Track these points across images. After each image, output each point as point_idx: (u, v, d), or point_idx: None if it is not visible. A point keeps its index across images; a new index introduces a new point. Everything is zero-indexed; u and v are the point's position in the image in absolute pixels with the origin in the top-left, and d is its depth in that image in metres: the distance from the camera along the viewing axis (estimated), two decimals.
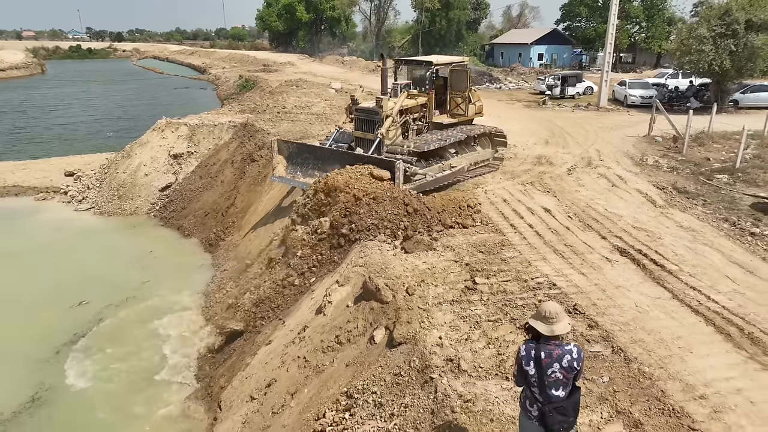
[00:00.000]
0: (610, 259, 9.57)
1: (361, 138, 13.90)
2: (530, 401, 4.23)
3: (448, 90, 14.87)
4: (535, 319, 4.15)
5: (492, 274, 8.72)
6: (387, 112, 13.18)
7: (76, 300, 12.93)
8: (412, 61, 15.83)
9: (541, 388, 4.10)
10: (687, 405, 5.77)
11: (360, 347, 7.57)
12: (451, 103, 14.96)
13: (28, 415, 9.56)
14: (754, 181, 14.44)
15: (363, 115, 13.87)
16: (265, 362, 9.17)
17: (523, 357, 4.17)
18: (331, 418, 6.61)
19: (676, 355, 6.71)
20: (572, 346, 4.13)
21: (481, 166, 15.20)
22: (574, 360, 4.07)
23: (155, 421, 9.44)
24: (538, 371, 4.08)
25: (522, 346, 4.23)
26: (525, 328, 4.29)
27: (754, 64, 25.23)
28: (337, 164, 12.72)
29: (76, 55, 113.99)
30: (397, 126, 13.66)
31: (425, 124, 14.60)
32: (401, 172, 11.63)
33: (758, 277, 8.99)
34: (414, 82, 14.94)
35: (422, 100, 14.37)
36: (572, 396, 4.15)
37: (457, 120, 14.93)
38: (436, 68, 14.59)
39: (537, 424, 4.19)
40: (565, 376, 4.07)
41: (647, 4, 55.05)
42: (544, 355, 4.06)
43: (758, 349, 6.86)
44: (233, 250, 15.31)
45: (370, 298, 8.12)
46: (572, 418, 4.18)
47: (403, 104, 13.68)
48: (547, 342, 4.09)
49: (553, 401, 4.08)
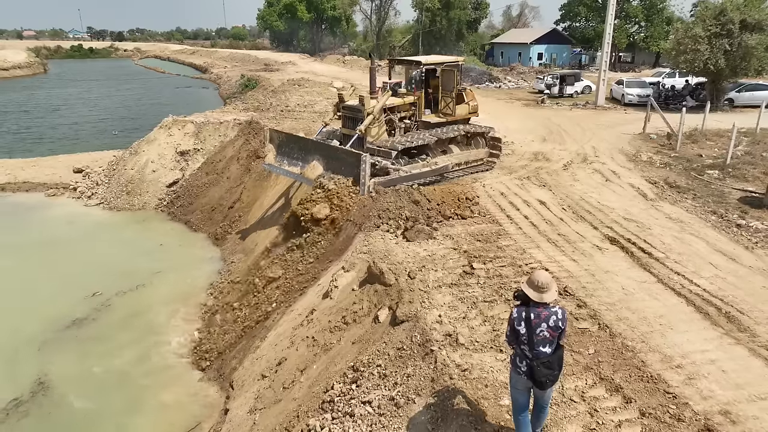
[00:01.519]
0: (601, 247, 10.13)
1: (346, 135, 14.34)
2: (520, 358, 4.76)
3: (440, 89, 15.22)
4: (527, 286, 4.69)
5: (489, 260, 9.28)
6: (368, 109, 13.59)
7: (91, 288, 13.47)
8: (404, 60, 16.29)
9: (530, 346, 4.64)
10: (664, 373, 6.32)
11: (365, 326, 8.12)
12: (441, 103, 15.32)
13: (42, 396, 10.02)
14: (744, 177, 14.98)
15: (348, 113, 14.40)
16: (275, 344, 9.73)
17: (515, 318, 4.71)
18: (338, 390, 7.15)
19: (657, 331, 7.27)
20: (558, 308, 4.68)
21: (473, 165, 15.40)
22: (560, 320, 4.63)
23: (170, 401, 9.98)
24: (528, 330, 4.62)
25: (514, 309, 4.77)
26: (515, 296, 4.83)
27: (748, 63, 25.77)
28: (316, 155, 13.29)
29: (77, 54, 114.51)
30: (380, 124, 14.02)
31: (414, 123, 14.92)
32: (368, 165, 11.99)
33: (739, 264, 9.54)
34: (409, 82, 15.39)
35: (410, 99, 14.72)
36: (557, 352, 4.70)
37: (446, 119, 15.21)
38: (426, 68, 14.94)
39: (525, 378, 4.74)
40: (551, 334, 4.62)
41: (646, 4, 55.57)
42: (533, 316, 4.61)
43: (734, 326, 7.42)
44: (240, 243, 15.85)
45: (375, 281, 8.67)
46: (557, 371, 4.71)
47: (388, 103, 14.04)
48: (536, 306, 4.64)
49: (541, 357, 4.63)
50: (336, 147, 13.42)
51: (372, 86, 14.73)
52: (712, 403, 5.85)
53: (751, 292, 8.43)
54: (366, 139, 13.65)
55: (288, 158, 14.54)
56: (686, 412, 5.65)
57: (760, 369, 6.49)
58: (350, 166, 12.44)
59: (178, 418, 9.52)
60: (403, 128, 14.66)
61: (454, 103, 15.04)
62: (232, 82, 52.17)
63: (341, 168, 12.76)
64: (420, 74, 14.92)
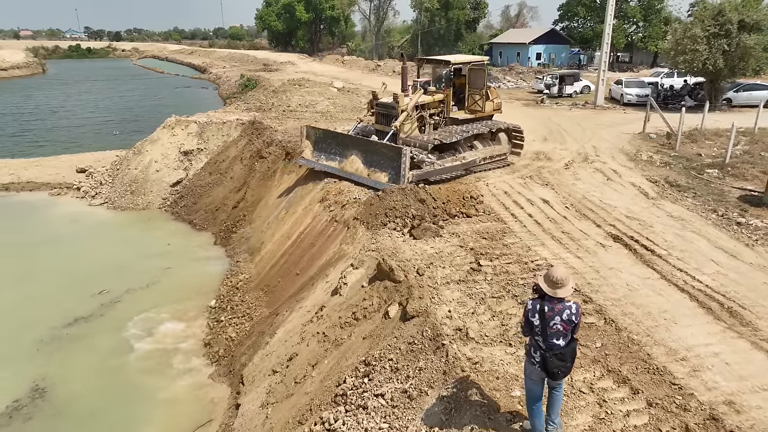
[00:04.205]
0: (604, 244, 10.31)
1: (380, 131, 14.99)
2: (534, 348, 4.92)
3: (467, 87, 15.78)
4: (543, 281, 4.83)
5: (495, 257, 9.46)
6: (402, 106, 14.22)
7: (99, 286, 13.63)
8: (433, 60, 16.85)
9: (544, 337, 4.80)
10: (669, 365, 6.51)
11: (375, 322, 8.29)
12: (469, 100, 15.91)
13: (50, 394, 10.15)
14: (743, 175, 15.17)
15: (382, 110, 15.06)
16: (284, 340, 9.89)
17: (529, 310, 4.87)
18: (351, 383, 7.31)
19: (662, 325, 7.45)
20: (572, 303, 4.82)
21: (497, 159, 16.00)
22: (573, 314, 4.78)
23: (180, 397, 10.13)
24: (542, 322, 4.77)
25: (529, 301, 4.92)
26: (534, 289, 4.98)
27: (746, 63, 25.97)
28: (355, 150, 13.93)
29: (75, 54, 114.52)
30: (412, 120, 14.62)
31: (442, 119, 15.56)
32: (407, 158, 12.58)
33: (740, 261, 9.73)
34: (436, 80, 15.96)
35: (439, 96, 15.35)
36: (570, 345, 4.85)
37: (474, 116, 15.86)
38: (454, 67, 15.54)
39: (539, 368, 4.90)
40: (564, 327, 4.76)
41: (644, 4, 55.82)
42: (547, 309, 4.76)
43: (736, 321, 7.61)
44: (245, 242, 16.01)
45: (384, 278, 8.83)
46: (569, 363, 4.86)
47: (420, 100, 14.67)
48: (551, 299, 4.78)
49: (554, 349, 4.78)
50: (376, 141, 14.09)
51: (403, 84, 15.36)
52: (717, 394, 6.03)
53: (752, 288, 8.62)
54: (399, 134, 14.27)
55: (325, 153, 15.16)
56: (692, 402, 5.83)
57: (763, 361, 6.68)
58: (389, 159, 13.10)
59: (189, 413, 9.68)
60: (433, 124, 15.29)
61: (483, 100, 15.68)
62: (232, 82, 52.26)
63: (380, 161, 13.41)
64: (449, 73, 15.47)
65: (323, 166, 14.88)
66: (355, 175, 13.77)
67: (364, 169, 13.75)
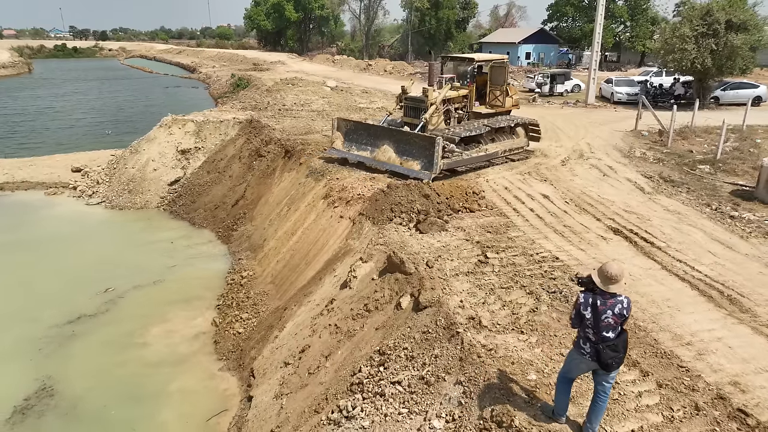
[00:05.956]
0: (605, 237, 10.62)
1: (408, 123, 15.61)
2: (584, 340, 5.01)
3: (488, 83, 16.47)
4: (596, 275, 4.91)
5: (501, 250, 9.71)
6: (432, 100, 14.86)
7: (105, 283, 13.71)
8: (456, 57, 17.54)
9: (595, 330, 4.88)
10: (676, 349, 6.80)
11: (387, 313, 8.50)
12: (490, 95, 16.58)
13: (63, 388, 10.26)
14: (734, 171, 15.59)
15: (411, 103, 15.69)
16: (294, 333, 10.07)
17: (581, 303, 4.94)
18: (366, 372, 7.51)
19: (666, 312, 7.75)
20: (623, 298, 4.88)
21: (515, 152, 16.78)
22: (624, 309, 4.86)
23: (190, 391, 10.26)
24: (593, 316, 4.85)
25: (581, 295, 5.00)
26: (578, 282, 5.07)
27: (733, 62, 26.53)
28: (387, 140, 14.62)
29: (61, 54, 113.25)
30: (439, 113, 15.28)
31: (465, 113, 16.25)
32: (439, 147, 13.28)
33: (736, 252, 10.08)
34: (458, 76, 16.57)
35: (464, 92, 16.06)
36: (621, 336, 4.94)
37: (494, 111, 16.56)
38: (478, 64, 16.14)
39: (589, 359, 4.99)
40: (615, 321, 4.84)
41: (631, 4, 56.59)
42: (599, 303, 4.83)
43: (735, 308, 7.93)
44: (247, 240, 16.13)
45: (395, 270, 9.05)
46: (622, 354, 4.96)
47: (447, 95, 15.31)
48: (603, 293, 4.86)
49: (606, 341, 4.88)
50: (409, 132, 14.72)
51: (430, 80, 16.12)
52: (722, 376, 6.32)
53: (749, 277, 8.96)
54: (428, 126, 14.90)
55: (356, 144, 15.75)
56: (699, 383, 6.12)
57: (763, 345, 6.99)
58: (422, 148, 13.79)
59: (202, 403, 9.82)
60: (457, 118, 15.93)
61: (504, 96, 16.38)
62: (222, 81, 52.12)
63: (412, 151, 14.12)
64: (473, 70, 16.10)
65: (355, 156, 15.50)
66: (388, 164, 14.41)
67: (396, 158, 14.40)
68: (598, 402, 5.23)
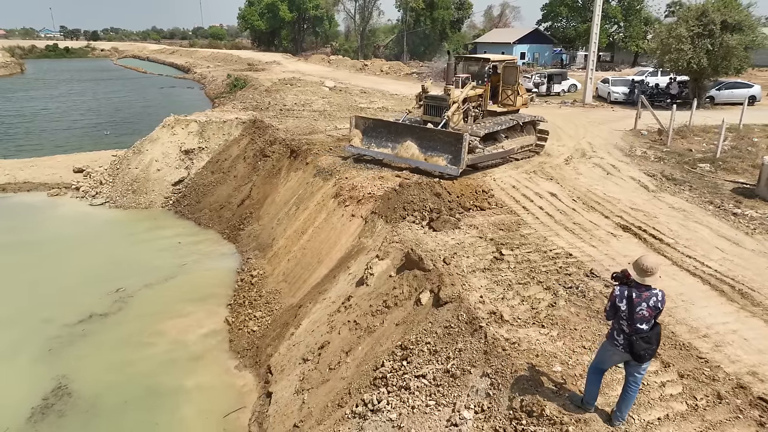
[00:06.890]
0: (615, 234, 10.84)
1: (428, 121, 15.88)
2: (617, 332, 5.18)
3: (501, 83, 16.84)
4: (633, 268, 5.07)
5: (515, 247, 9.90)
6: (454, 99, 15.23)
7: (115, 282, 13.77)
8: (470, 58, 17.84)
9: (630, 322, 5.05)
10: (694, 341, 7.01)
11: (407, 309, 8.66)
12: (502, 95, 16.93)
13: (80, 386, 10.33)
14: (734, 169, 15.88)
15: (432, 102, 16.00)
16: (311, 330, 10.21)
17: (617, 296, 5.11)
18: (389, 367, 7.67)
19: (681, 306, 7.97)
20: (658, 291, 5.04)
21: (526, 149, 17.24)
22: (659, 302, 5.02)
23: (208, 384, 10.38)
24: (629, 308, 5.02)
25: (616, 287, 5.16)
26: (613, 277, 5.20)
27: (728, 62, 26.90)
28: (409, 137, 14.92)
29: (53, 54, 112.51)
30: (460, 112, 15.65)
31: (481, 111, 16.62)
32: (466, 143, 13.62)
33: (743, 248, 10.33)
34: (476, 76, 16.89)
35: (479, 91, 16.40)
36: (654, 329, 5.12)
37: (507, 109, 16.93)
38: (493, 64, 16.57)
39: (622, 350, 5.16)
40: (650, 313, 5.01)
41: (624, 4, 57.11)
42: (635, 296, 4.99)
43: (747, 302, 8.16)
44: (255, 239, 16.23)
45: (413, 267, 9.21)
46: (655, 346, 5.13)
47: (467, 94, 15.66)
48: (638, 286, 5.02)
49: (639, 333, 5.05)
50: (434, 129, 15.01)
51: (448, 79, 16.44)
52: (740, 366, 6.54)
53: (758, 272, 9.20)
54: (449, 124, 15.24)
55: (376, 141, 15.97)
56: (719, 373, 6.33)
57: None
58: (448, 144, 14.13)
59: (220, 399, 9.94)
60: (473, 116, 16.27)
61: (515, 95, 16.76)
62: (218, 81, 52.06)
63: (437, 147, 14.45)
64: (489, 69, 16.47)
65: (375, 153, 15.78)
66: (412, 160, 14.71)
67: (420, 154, 14.65)
68: (629, 392, 5.40)
